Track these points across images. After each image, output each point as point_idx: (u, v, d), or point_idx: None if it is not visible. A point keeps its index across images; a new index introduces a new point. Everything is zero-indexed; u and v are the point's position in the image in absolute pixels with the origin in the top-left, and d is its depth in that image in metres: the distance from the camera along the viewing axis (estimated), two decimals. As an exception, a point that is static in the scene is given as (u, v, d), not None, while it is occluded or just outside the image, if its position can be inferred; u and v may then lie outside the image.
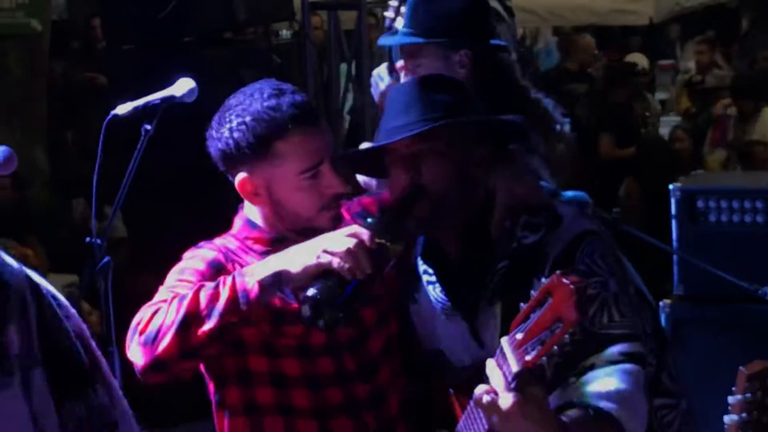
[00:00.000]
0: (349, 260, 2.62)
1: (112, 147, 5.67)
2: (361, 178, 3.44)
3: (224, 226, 3.04)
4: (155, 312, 2.70)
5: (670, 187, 4.88)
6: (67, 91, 12.22)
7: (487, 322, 2.81)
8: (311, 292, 2.63)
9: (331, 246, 2.65)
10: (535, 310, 2.43)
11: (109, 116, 3.79)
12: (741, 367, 2.32)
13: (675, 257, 4.83)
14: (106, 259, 3.73)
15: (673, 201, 4.83)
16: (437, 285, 2.90)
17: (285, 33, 9.48)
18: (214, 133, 2.90)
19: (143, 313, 2.72)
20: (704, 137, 10.22)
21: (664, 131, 11.28)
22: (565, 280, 2.38)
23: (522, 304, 2.46)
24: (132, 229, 7.54)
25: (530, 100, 3.55)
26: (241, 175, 2.87)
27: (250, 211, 2.94)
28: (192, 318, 2.65)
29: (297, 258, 2.68)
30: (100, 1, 6.78)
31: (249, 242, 2.92)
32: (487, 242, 2.83)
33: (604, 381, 2.65)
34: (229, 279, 2.68)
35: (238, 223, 2.97)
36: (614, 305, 2.72)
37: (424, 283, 2.93)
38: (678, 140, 9.81)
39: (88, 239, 3.76)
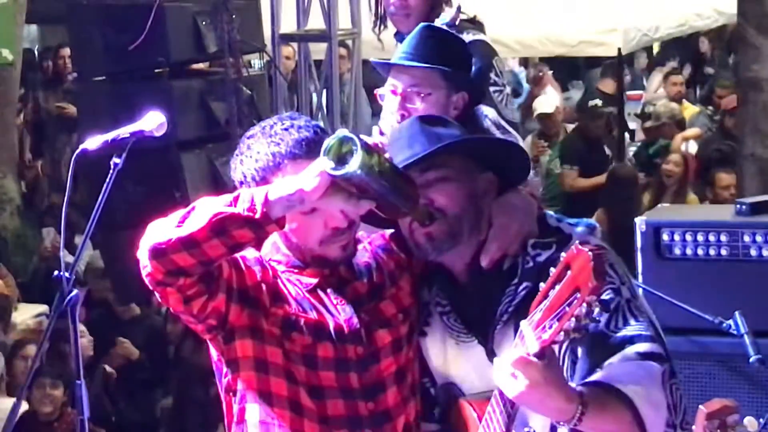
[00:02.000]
0: None
1: (83, 177, 5.69)
2: None
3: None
4: None
5: (636, 220, 4.93)
6: (38, 121, 12.22)
7: (503, 343, 2.83)
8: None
9: None
10: (554, 286, 2.44)
11: (78, 151, 3.80)
12: (701, 406, 2.35)
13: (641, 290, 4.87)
14: (73, 294, 3.73)
15: (638, 234, 4.87)
16: (452, 314, 2.94)
17: (257, 63, 9.52)
18: (231, 161, 2.99)
19: None
20: (654, 167, 10.39)
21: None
22: (582, 248, 2.38)
23: (542, 284, 2.48)
24: (107, 259, 7.54)
25: None
26: None
27: (275, 235, 2.96)
28: (194, 210, 2.72)
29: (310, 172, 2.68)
30: (69, 31, 6.78)
31: (273, 263, 2.97)
32: (496, 267, 2.87)
33: (620, 369, 2.66)
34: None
35: (266, 244, 3.00)
36: (628, 310, 2.76)
37: (436, 314, 2.97)
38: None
39: (56, 273, 3.76)
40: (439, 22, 4.02)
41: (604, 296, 2.69)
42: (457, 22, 4.04)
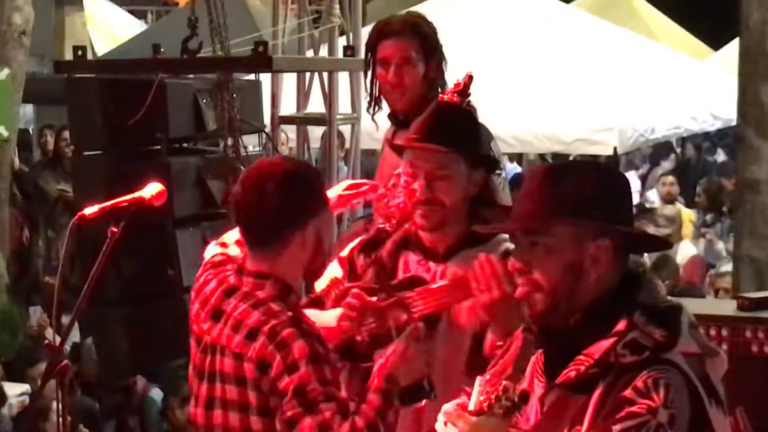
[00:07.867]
0: None
1: (78, 259, 5.60)
2: None
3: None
4: None
5: (637, 311, 4.86)
6: (35, 200, 12.18)
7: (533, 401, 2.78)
8: None
9: None
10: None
11: (76, 218, 3.74)
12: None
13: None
14: (63, 362, 3.65)
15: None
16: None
17: (254, 148, 9.50)
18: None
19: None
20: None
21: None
22: None
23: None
24: (95, 336, 7.40)
25: None
26: (302, 230, 3.40)
27: (286, 269, 3.42)
28: None
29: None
30: (68, 106, 6.74)
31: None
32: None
33: None
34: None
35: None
36: None
37: None
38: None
39: (45, 341, 3.69)
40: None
41: (634, 408, 2.62)
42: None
